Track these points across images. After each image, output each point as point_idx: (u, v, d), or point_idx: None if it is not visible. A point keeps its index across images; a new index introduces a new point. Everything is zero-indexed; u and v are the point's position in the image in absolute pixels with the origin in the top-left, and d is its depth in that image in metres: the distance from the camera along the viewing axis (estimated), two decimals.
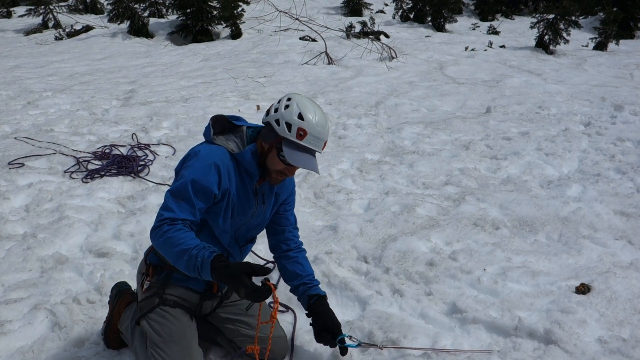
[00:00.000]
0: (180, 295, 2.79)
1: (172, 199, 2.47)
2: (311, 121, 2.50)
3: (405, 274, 3.89)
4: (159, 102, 9.43)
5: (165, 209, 2.45)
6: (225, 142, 2.65)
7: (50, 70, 13.18)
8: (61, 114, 8.48)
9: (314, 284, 2.99)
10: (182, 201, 2.46)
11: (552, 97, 9.95)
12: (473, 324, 3.28)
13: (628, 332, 3.18)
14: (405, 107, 9.42)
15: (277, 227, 3.01)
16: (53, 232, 4.43)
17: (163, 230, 2.38)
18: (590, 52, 16.71)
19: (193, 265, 2.29)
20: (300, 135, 2.50)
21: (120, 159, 6.18)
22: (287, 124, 2.50)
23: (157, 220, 2.44)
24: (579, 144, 6.84)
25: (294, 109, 2.50)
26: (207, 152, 2.57)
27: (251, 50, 16.05)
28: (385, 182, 5.83)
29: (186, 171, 2.51)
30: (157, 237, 2.41)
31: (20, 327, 3.22)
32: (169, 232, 2.37)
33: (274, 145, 2.57)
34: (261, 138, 2.63)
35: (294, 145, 2.53)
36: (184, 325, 2.73)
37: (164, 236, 2.37)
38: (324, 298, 2.97)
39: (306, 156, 2.55)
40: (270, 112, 2.58)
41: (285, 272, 3.04)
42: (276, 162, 2.60)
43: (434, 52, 15.67)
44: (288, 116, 2.50)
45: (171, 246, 2.35)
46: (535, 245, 4.33)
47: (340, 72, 12.79)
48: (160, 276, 2.79)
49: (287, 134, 2.50)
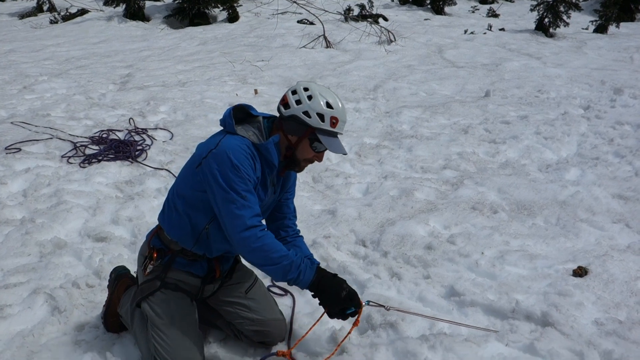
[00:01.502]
0: (182, 279, 2.80)
1: (232, 205, 2.48)
2: (339, 107, 2.60)
3: (404, 257, 3.91)
4: (156, 87, 9.37)
5: (234, 218, 2.48)
6: (245, 132, 2.62)
7: (45, 54, 13.08)
8: (57, 99, 8.43)
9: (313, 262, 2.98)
10: (245, 201, 2.49)
11: (552, 81, 9.92)
12: (471, 307, 3.31)
13: (624, 315, 3.21)
14: (403, 91, 9.38)
15: (277, 214, 3.00)
16: (51, 217, 4.43)
17: (257, 236, 2.50)
18: (591, 35, 16.62)
19: (296, 269, 2.54)
20: (333, 123, 2.58)
21: (118, 143, 6.16)
22: (319, 114, 2.55)
23: (237, 237, 2.50)
24: (578, 127, 6.83)
25: (320, 99, 2.55)
26: (236, 145, 2.52)
27: (248, 34, 15.94)
28: (383, 167, 5.82)
29: (224, 168, 2.47)
30: (250, 245, 2.50)
31: (20, 311, 3.24)
32: (263, 238, 2.51)
33: (307, 137, 2.60)
34: (288, 132, 2.63)
35: (329, 133, 2.60)
36: (184, 309, 2.75)
37: (259, 242, 2.50)
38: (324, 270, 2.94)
39: (338, 141, 2.66)
40: (291, 105, 2.57)
41: None
42: (308, 152, 2.66)
43: (433, 35, 15.58)
44: (318, 107, 2.55)
45: (268, 252, 2.51)
46: (533, 228, 4.35)
47: (338, 56, 12.72)
48: (164, 260, 2.80)
49: (322, 124, 2.56)
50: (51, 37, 16.35)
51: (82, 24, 18.65)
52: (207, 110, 7.92)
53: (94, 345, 2.96)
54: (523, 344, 2.95)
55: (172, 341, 2.63)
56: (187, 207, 2.66)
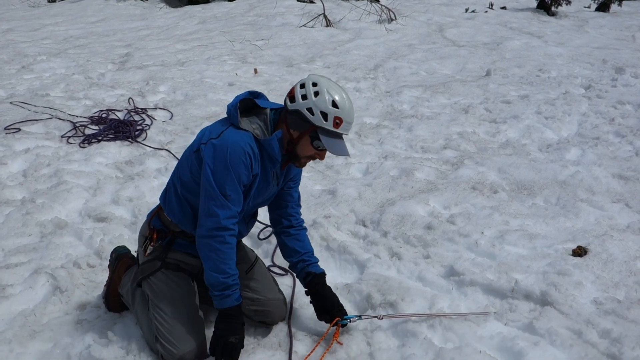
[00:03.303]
0: (183, 260, 2.82)
1: (212, 202, 2.49)
2: (345, 108, 2.48)
3: (404, 237, 3.91)
4: (155, 66, 9.31)
5: (210, 215, 2.50)
6: (250, 126, 2.58)
7: (44, 33, 12.98)
8: (56, 78, 8.38)
9: (312, 261, 2.97)
10: (227, 200, 2.49)
11: (553, 60, 9.85)
12: (470, 287, 3.32)
13: (623, 294, 3.22)
14: (404, 71, 9.32)
15: (280, 202, 2.97)
16: (52, 197, 4.43)
17: (224, 240, 2.53)
18: (593, 13, 16.45)
19: (223, 289, 2.55)
20: (336, 123, 2.48)
21: (117, 123, 6.14)
22: (323, 113, 2.46)
23: (206, 229, 2.51)
24: (579, 107, 6.80)
25: (327, 97, 2.45)
26: (236, 141, 2.49)
27: (248, 13, 15.79)
28: (383, 146, 5.81)
29: (218, 164, 2.47)
30: (212, 243, 2.53)
31: (22, 291, 3.25)
32: (226, 245, 2.54)
33: (308, 134, 2.53)
34: (291, 126, 2.56)
35: (330, 133, 2.51)
36: (185, 288, 2.77)
37: (221, 246, 2.53)
38: (322, 276, 2.96)
39: (341, 142, 2.56)
40: (297, 99, 2.50)
41: (285, 248, 3.02)
42: (308, 149, 2.59)
43: (434, 13, 15.43)
44: (322, 105, 2.45)
45: (221, 259, 2.53)
46: (533, 208, 4.35)
47: (338, 35, 12.61)
48: (164, 241, 2.81)
49: (324, 123, 2.47)
50: (49, 16, 16.21)
51: (80, 3, 18.49)
52: (207, 89, 7.87)
53: (96, 324, 2.98)
54: (522, 323, 2.97)
55: (173, 320, 2.64)
56: (185, 190, 2.66)
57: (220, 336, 2.57)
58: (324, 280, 2.96)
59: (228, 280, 2.55)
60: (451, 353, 2.71)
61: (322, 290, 2.92)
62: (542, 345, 2.77)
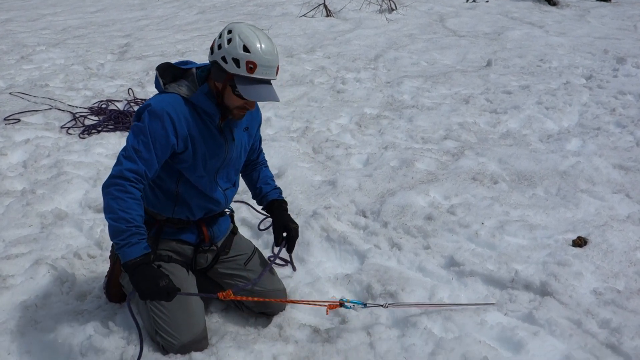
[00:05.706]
0: (173, 249, 2.82)
1: (122, 152, 2.48)
2: (258, 51, 2.38)
3: (404, 228, 3.92)
4: (155, 56, 9.27)
5: (116, 164, 2.48)
6: (177, 88, 2.56)
7: (42, 23, 12.93)
8: (56, 69, 8.36)
9: (272, 186, 3.11)
10: (135, 153, 2.45)
11: (554, 50, 9.80)
12: (470, 277, 3.32)
13: (623, 284, 3.23)
14: (404, 61, 9.28)
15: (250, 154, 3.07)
16: (52, 188, 4.43)
17: (125, 189, 2.42)
18: (594, 3, 16.33)
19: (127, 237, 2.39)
20: (250, 68, 2.38)
21: (117, 114, 6.13)
22: (234, 59, 2.38)
23: (109, 177, 2.47)
24: (580, 97, 6.77)
25: (238, 42, 2.37)
26: (157, 102, 2.50)
27: (248, 2, 15.71)
28: (384, 137, 5.80)
29: (139, 124, 2.48)
30: (113, 192, 2.43)
31: (23, 281, 3.26)
32: (127, 194, 2.42)
33: (228, 83, 2.47)
34: (214, 78, 2.52)
35: (247, 80, 2.42)
36: (181, 279, 2.75)
37: (121, 194, 2.41)
38: (282, 202, 3.07)
39: (262, 87, 2.46)
40: (214, 50, 2.46)
41: (249, 178, 3.14)
42: (234, 99, 2.52)
43: (435, 3, 15.34)
44: (233, 51, 2.37)
45: (121, 208, 2.40)
46: (533, 199, 4.35)
47: (338, 25, 12.55)
48: (151, 232, 2.79)
49: (237, 70, 2.39)
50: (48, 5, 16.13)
51: None
52: None
53: (97, 314, 2.99)
54: (522, 313, 2.98)
55: (171, 312, 2.64)
56: None
57: (145, 290, 2.39)
58: (285, 207, 3.08)
59: (131, 228, 2.40)
60: (451, 343, 2.72)
61: (279, 210, 3.04)
62: (542, 335, 2.78)
